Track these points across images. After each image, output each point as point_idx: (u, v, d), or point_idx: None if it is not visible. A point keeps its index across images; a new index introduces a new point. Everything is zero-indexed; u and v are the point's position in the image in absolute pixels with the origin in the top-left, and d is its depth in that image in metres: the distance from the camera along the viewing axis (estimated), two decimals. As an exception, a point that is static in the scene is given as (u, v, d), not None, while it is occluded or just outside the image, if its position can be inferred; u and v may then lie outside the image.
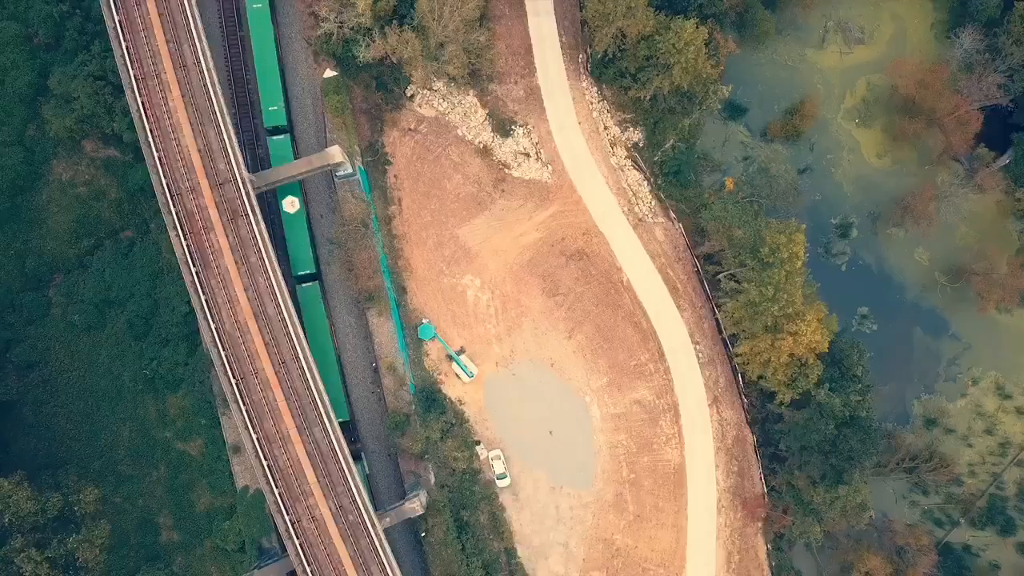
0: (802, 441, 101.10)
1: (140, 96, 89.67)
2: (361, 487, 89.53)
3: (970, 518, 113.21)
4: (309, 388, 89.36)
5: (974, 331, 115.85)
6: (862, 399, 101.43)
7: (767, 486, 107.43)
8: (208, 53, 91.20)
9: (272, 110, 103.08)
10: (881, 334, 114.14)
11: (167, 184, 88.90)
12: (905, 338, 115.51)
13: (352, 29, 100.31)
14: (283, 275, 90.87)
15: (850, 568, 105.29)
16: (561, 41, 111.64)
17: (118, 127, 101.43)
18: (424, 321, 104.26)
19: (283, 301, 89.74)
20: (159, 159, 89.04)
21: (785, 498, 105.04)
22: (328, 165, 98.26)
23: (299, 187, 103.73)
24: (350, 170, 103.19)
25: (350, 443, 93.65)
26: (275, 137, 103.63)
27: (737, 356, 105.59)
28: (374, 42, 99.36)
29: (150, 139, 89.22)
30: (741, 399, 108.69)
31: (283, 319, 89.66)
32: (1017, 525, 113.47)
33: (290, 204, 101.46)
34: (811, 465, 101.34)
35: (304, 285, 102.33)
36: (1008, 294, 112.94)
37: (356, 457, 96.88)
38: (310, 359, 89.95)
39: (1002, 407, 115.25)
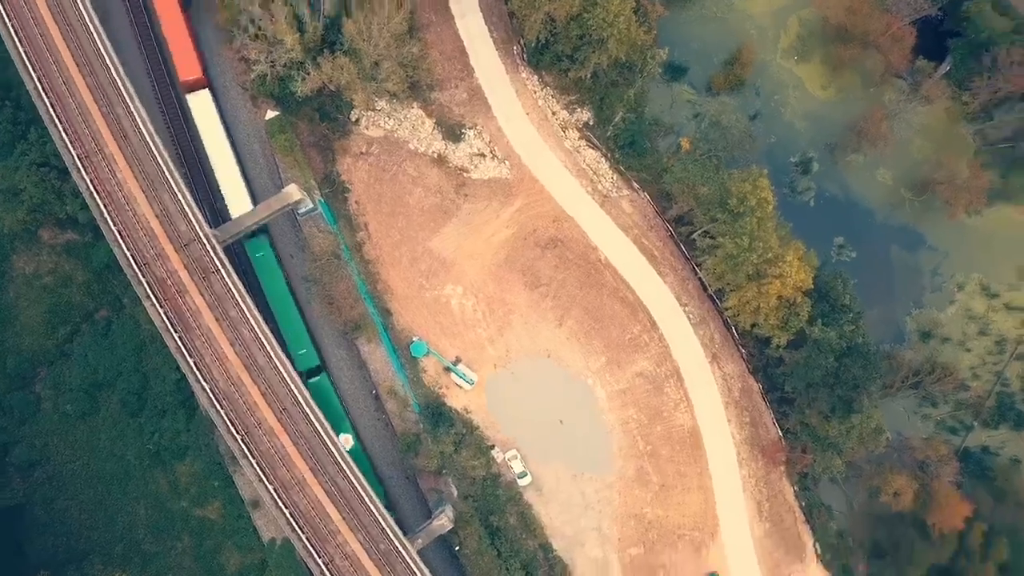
0: (806, 379, 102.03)
1: (87, 174, 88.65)
2: (387, 515, 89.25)
3: (982, 420, 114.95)
4: (315, 428, 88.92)
5: (949, 239, 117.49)
6: (855, 327, 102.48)
7: (781, 430, 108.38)
8: (146, 117, 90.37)
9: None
10: (861, 260, 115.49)
11: (132, 256, 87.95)
12: (885, 259, 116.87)
13: (285, 66, 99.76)
14: (265, 321, 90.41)
15: (878, 492, 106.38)
16: (492, 37, 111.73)
17: (71, 209, 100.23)
18: (415, 339, 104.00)
19: (271, 348, 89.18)
20: (119, 233, 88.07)
21: (801, 438, 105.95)
22: (288, 205, 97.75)
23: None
24: (311, 205, 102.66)
25: (365, 473, 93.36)
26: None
27: (727, 310, 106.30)
28: (309, 74, 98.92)
29: (106, 215, 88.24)
30: (739, 351, 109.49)
31: (275, 366, 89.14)
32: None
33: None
34: (820, 401, 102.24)
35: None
36: (974, 196, 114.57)
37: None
38: (310, 400, 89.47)
39: (991, 306, 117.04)
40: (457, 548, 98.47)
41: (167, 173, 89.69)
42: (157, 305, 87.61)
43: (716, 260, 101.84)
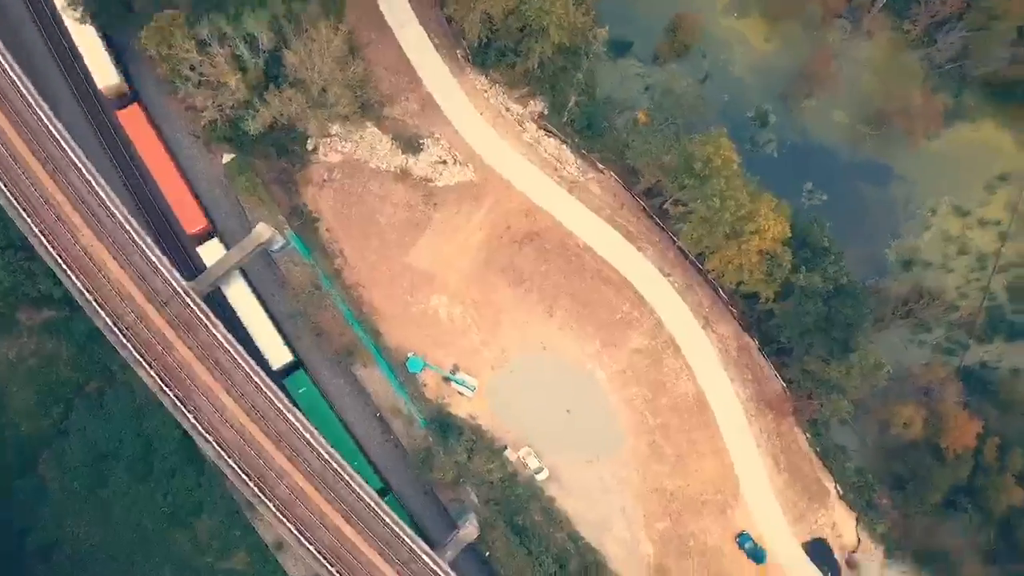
0: (799, 327, 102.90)
1: (52, 249, 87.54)
2: (413, 535, 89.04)
3: (976, 337, 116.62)
4: (325, 461, 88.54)
5: (914, 166, 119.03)
6: (838, 267, 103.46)
7: (784, 381, 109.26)
8: (98, 176, 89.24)
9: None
10: (832, 201, 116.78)
11: (112, 323, 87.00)
12: (856, 197, 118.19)
13: (233, 108, 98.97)
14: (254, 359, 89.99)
15: (888, 425, 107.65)
16: (434, 44, 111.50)
17: (44, 287, 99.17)
18: (409, 355, 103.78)
19: (267, 387, 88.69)
20: (95, 301, 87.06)
21: (805, 385, 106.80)
22: (260, 244, 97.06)
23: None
24: (282, 241, 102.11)
25: (382, 494, 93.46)
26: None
27: (710, 272, 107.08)
28: (258, 112, 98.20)
29: (79, 286, 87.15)
30: (730, 311, 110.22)
31: (275, 406, 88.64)
32: (1019, 326, 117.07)
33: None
34: (816, 346, 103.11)
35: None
36: (930, 121, 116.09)
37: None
38: (315, 432, 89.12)
39: (965, 224, 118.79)
40: (487, 554, 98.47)
41: (132, 232, 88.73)
42: (147, 367, 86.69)
43: (691, 225, 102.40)
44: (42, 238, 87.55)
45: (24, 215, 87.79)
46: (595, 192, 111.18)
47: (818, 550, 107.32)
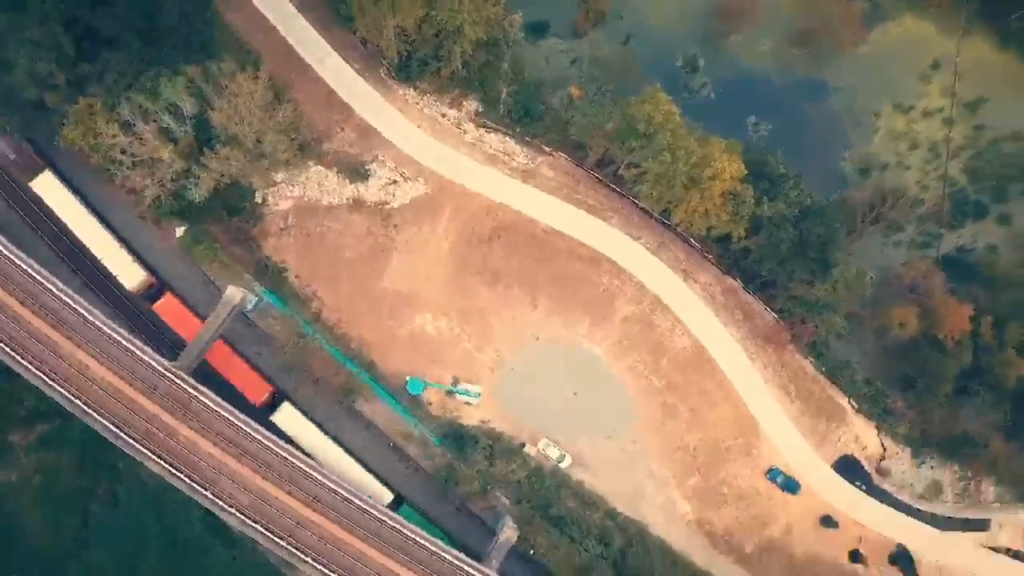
0: (776, 257, 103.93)
1: (26, 361, 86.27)
2: (456, 553, 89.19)
3: (946, 224, 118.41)
4: (351, 500, 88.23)
5: (848, 75, 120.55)
6: (799, 191, 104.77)
7: (775, 312, 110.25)
8: (53, 279, 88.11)
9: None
10: (778, 128, 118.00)
11: (108, 421, 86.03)
12: (799, 118, 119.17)
13: (173, 180, 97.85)
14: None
15: (885, 330, 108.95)
16: (355, 69, 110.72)
17: (30, 404, 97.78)
18: (408, 379, 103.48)
19: (276, 445, 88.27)
20: (85, 404, 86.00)
21: (795, 312, 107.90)
22: (234, 307, 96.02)
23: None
24: (255, 298, 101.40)
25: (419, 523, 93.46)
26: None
27: (678, 226, 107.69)
28: (199, 178, 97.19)
29: (64, 393, 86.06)
30: (706, 258, 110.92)
31: (288, 463, 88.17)
32: (984, 204, 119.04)
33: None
34: (797, 271, 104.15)
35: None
36: (853, 28, 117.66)
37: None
38: (336, 479, 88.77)
39: (910, 120, 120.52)
40: (532, 552, 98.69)
41: (102, 325, 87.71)
42: (153, 457, 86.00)
43: (649, 185, 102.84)
44: (14, 354, 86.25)
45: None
46: (548, 175, 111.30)
47: (847, 466, 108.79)
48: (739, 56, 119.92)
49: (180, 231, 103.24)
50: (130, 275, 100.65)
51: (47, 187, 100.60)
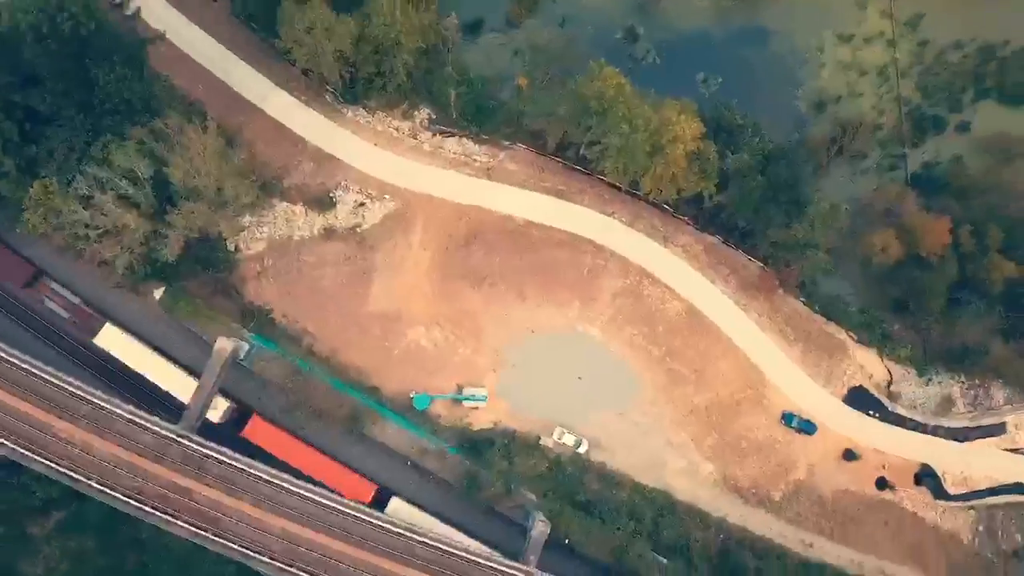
0: (750, 206, 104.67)
1: (35, 454, 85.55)
2: (494, 555, 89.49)
3: (909, 143, 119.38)
4: (386, 526, 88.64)
5: (786, 16, 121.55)
6: (759, 138, 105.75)
7: (759, 260, 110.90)
8: (57, 373, 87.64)
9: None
10: (728, 80, 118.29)
11: (124, 495, 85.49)
12: (746, 66, 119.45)
13: (142, 244, 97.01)
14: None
15: (869, 258, 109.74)
16: (301, 100, 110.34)
17: (42, 493, 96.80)
18: (412, 395, 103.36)
19: (296, 487, 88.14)
20: (99, 484, 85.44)
21: (778, 256, 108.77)
22: (227, 358, 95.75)
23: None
24: (247, 346, 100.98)
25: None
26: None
27: (649, 194, 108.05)
28: (167, 238, 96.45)
29: (76, 477, 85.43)
30: (682, 221, 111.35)
31: (311, 500, 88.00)
32: (942, 117, 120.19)
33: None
34: (773, 216, 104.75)
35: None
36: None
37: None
38: (373, 513, 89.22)
39: (854, 48, 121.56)
40: (567, 541, 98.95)
41: (106, 406, 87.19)
42: (175, 521, 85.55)
43: (612, 160, 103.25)
44: (20, 448, 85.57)
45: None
46: (512, 169, 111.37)
47: (858, 398, 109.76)
48: (676, 17, 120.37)
49: (159, 293, 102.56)
50: (216, 410, 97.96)
51: (112, 339, 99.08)
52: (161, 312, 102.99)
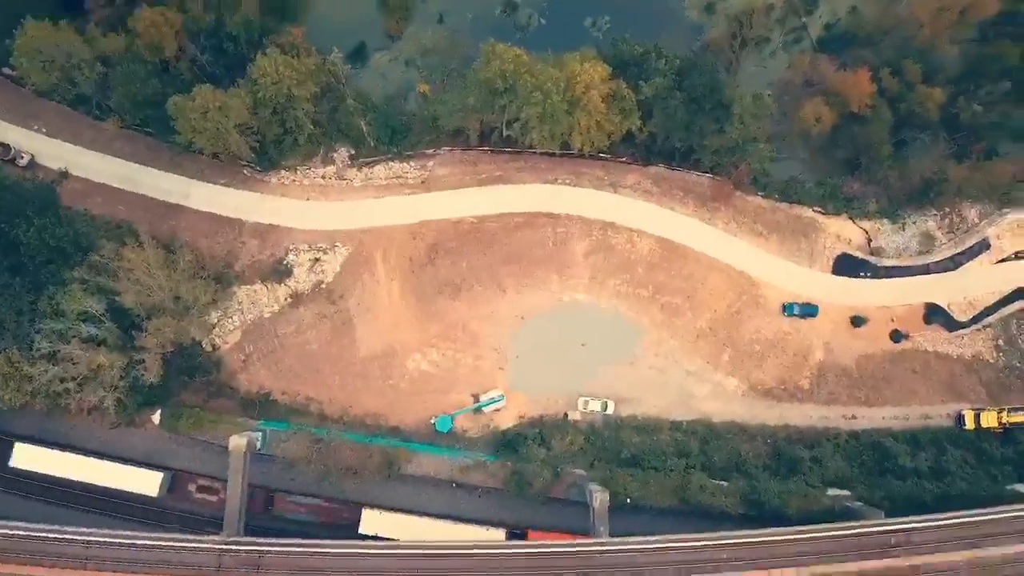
0: (679, 126, 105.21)
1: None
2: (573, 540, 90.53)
3: (804, 12, 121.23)
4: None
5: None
6: (664, 58, 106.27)
7: (707, 172, 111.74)
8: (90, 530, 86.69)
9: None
10: (615, 16, 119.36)
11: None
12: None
13: (122, 379, 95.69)
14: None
15: (807, 131, 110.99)
16: (219, 183, 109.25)
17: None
18: (433, 420, 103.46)
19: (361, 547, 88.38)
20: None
21: (724, 161, 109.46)
22: (245, 454, 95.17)
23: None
24: (259, 435, 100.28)
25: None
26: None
27: (582, 149, 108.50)
28: (144, 362, 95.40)
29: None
30: (623, 163, 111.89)
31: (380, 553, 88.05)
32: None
33: None
34: (705, 127, 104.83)
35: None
36: None
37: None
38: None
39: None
40: (628, 501, 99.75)
41: (139, 542, 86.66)
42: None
43: (536, 130, 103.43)
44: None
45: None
46: (445, 173, 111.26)
47: (846, 265, 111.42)
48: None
49: (156, 417, 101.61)
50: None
51: (28, 457, 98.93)
52: (165, 434, 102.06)
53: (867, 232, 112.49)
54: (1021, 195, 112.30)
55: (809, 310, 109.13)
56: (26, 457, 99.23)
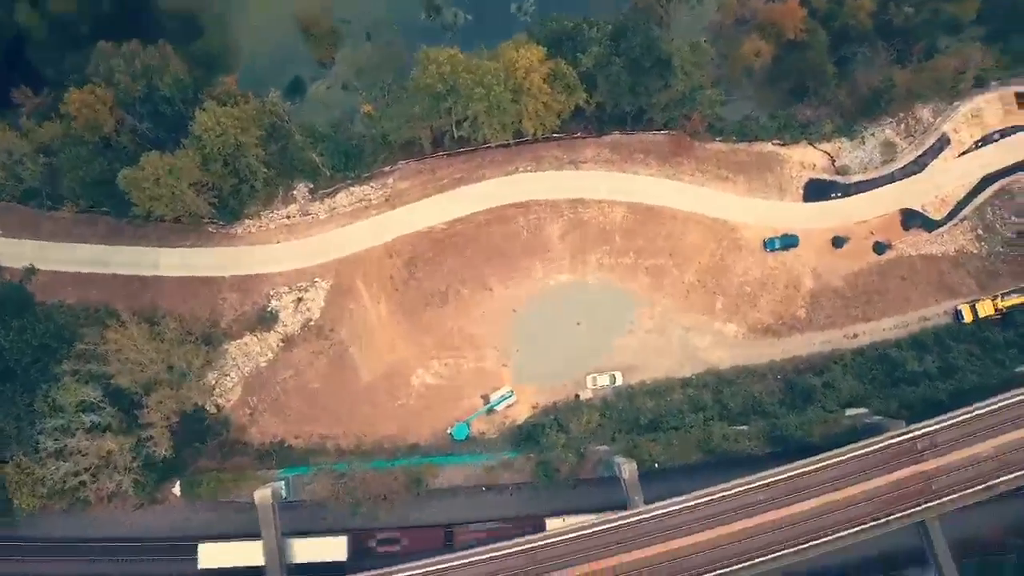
0: (624, 90, 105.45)
1: None
2: (611, 515, 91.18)
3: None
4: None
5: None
6: (597, 26, 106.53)
7: (663, 130, 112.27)
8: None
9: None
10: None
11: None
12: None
13: (135, 459, 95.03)
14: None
15: (749, 68, 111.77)
16: (187, 246, 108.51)
17: None
18: (449, 430, 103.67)
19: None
20: None
21: (673, 116, 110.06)
22: (272, 506, 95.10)
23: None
24: (282, 484, 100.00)
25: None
26: None
27: (535, 134, 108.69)
28: (152, 438, 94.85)
29: None
30: (578, 138, 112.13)
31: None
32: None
33: None
34: (650, 86, 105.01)
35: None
36: None
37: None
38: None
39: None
40: (656, 466, 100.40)
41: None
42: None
43: (487, 125, 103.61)
44: None
45: None
46: (407, 186, 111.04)
47: (815, 189, 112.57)
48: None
49: (176, 489, 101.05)
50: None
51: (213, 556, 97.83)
52: (189, 504, 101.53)
53: (829, 154, 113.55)
54: (967, 86, 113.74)
55: (790, 241, 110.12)
56: (211, 556, 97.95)
